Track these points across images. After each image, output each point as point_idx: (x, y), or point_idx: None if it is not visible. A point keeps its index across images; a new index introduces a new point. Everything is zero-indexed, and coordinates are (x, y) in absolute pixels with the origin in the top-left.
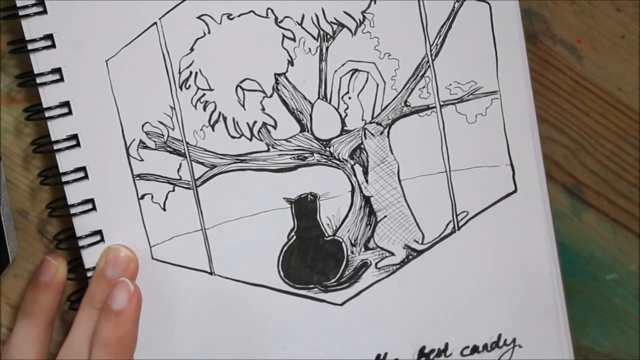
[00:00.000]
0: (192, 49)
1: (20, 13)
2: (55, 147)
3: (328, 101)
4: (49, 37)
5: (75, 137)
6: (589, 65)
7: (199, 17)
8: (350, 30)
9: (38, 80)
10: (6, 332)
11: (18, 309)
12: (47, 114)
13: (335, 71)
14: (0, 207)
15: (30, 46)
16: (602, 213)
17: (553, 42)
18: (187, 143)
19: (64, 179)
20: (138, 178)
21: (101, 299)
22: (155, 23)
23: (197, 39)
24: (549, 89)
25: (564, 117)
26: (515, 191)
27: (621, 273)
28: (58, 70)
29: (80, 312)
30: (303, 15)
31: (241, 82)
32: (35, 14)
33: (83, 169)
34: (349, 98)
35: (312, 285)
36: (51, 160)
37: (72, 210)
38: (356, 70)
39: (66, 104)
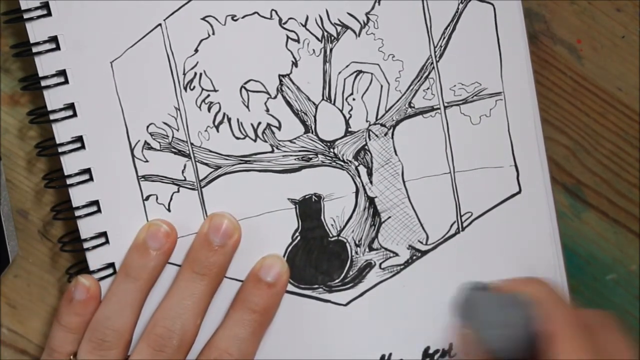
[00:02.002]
0: (196, 50)
1: (25, 16)
2: (60, 149)
3: (332, 102)
4: (54, 39)
5: (80, 139)
6: (589, 65)
7: (203, 19)
8: (354, 32)
9: (43, 83)
10: (6, 332)
11: (120, 268)
12: (51, 117)
13: (340, 72)
14: (0, 207)
15: (35, 49)
16: (602, 213)
17: (553, 42)
18: (191, 144)
19: (69, 181)
20: (143, 179)
21: (206, 264)
22: (160, 24)
23: (202, 40)
24: (549, 89)
25: (564, 117)
26: (519, 192)
27: (621, 273)
28: (62, 73)
29: (180, 277)
30: (307, 17)
31: (245, 83)
32: (40, 16)
33: (88, 170)
34: (353, 99)
35: (316, 286)
36: (55, 162)
37: (77, 213)
38: (360, 71)
39: (71, 106)
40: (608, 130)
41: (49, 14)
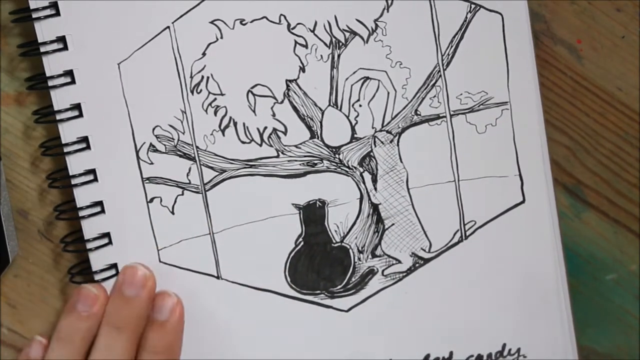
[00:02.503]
0: (204, 54)
1: (34, 15)
2: (66, 149)
3: (338, 108)
4: (62, 39)
5: (85, 139)
6: (589, 65)
7: (211, 22)
8: (363, 38)
9: (50, 83)
10: (6, 332)
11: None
12: (58, 117)
13: (347, 79)
14: (0, 207)
15: (42, 48)
16: (602, 213)
17: (553, 42)
18: (197, 147)
19: (74, 181)
20: (147, 181)
21: (122, 317)
22: (168, 27)
23: (210, 44)
24: (549, 89)
25: (564, 117)
26: (523, 202)
27: (621, 273)
28: (69, 73)
29: (100, 333)
30: (316, 22)
31: (252, 87)
32: (48, 16)
33: (92, 171)
34: (360, 106)
35: (318, 291)
36: (58, 162)
37: (81, 213)
38: (367, 78)
39: (77, 106)
40: (608, 130)
41: (58, 13)
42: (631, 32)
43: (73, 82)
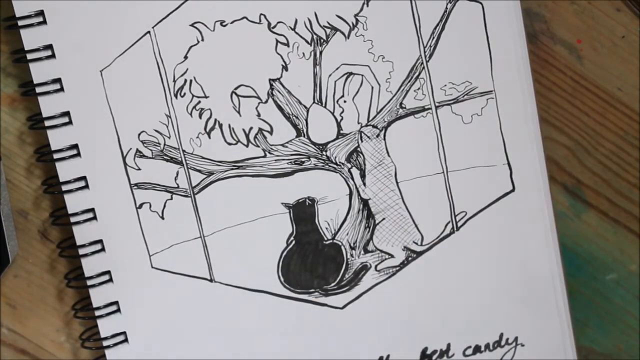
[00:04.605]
0: (186, 57)
1: (20, 23)
2: (55, 156)
3: (323, 105)
4: (49, 47)
5: (75, 146)
6: (589, 65)
7: (192, 25)
8: (344, 34)
9: (38, 90)
10: (6, 332)
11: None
12: (47, 124)
13: (330, 75)
14: (0, 207)
15: (29, 56)
16: (602, 213)
17: (553, 42)
18: (183, 151)
19: (65, 188)
20: (136, 187)
21: None
22: (149, 32)
23: (191, 47)
24: (549, 89)
25: (564, 117)
26: (513, 190)
27: (621, 273)
28: (58, 80)
29: None
30: (296, 20)
31: (236, 88)
32: (35, 24)
33: (83, 178)
34: (344, 101)
35: (312, 290)
36: (54, 168)
37: (73, 220)
38: (350, 73)
39: (66, 113)
40: (608, 130)
41: (44, 22)
42: (631, 32)
43: (61, 89)
